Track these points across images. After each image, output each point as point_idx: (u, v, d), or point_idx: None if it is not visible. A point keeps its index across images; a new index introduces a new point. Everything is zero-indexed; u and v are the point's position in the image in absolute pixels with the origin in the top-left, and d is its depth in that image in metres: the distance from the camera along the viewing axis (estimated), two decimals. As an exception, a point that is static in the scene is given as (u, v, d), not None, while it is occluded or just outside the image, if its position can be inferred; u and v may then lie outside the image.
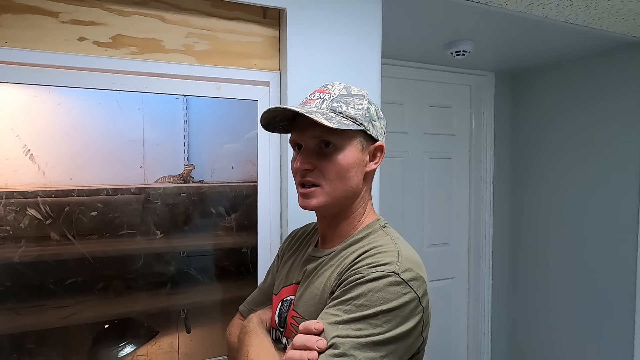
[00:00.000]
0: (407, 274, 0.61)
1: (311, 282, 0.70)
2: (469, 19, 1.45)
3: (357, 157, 0.69)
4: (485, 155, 2.23)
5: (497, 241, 2.27)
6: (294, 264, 0.80)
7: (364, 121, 0.69)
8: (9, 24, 0.91)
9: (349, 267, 0.64)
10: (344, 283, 0.62)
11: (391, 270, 0.60)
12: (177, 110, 1.50)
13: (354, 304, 0.59)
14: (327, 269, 0.69)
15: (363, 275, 0.60)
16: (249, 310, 0.87)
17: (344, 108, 0.68)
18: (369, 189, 0.75)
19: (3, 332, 1.12)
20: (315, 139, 0.69)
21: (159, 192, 1.25)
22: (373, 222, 0.73)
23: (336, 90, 0.71)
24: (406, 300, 0.59)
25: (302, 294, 0.71)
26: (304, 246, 0.83)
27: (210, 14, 1.07)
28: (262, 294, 0.88)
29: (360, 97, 0.71)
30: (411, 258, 0.64)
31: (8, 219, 1.07)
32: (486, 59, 1.98)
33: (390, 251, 0.64)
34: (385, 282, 0.59)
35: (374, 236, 0.70)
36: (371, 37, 1.17)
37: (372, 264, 0.62)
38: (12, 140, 1.23)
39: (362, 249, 0.66)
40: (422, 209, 2.17)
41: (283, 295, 0.77)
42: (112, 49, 0.99)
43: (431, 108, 2.18)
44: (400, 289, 0.59)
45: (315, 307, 0.66)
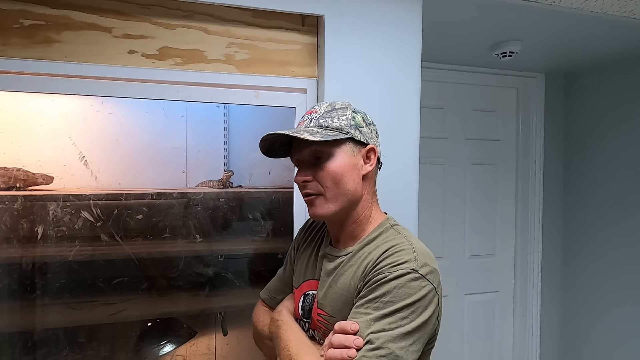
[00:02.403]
0: (424, 269, 0.69)
1: (334, 281, 0.76)
2: (517, 19, 1.37)
3: (349, 162, 0.75)
4: (534, 162, 2.09)
5: (547, 254, 2.12)
6: (310, 258, 0.86)
7: (350, 129, 0.76)
8: (69, 40, 0.99)
9: (372, 267, 0.71)
10: (369, 283, 0.69)
11: (410, 268, 0.68)
12: (217, 117, 1.55)
13: (381, 301, 0.66)
14: (347, 269, 0.75)
15: (386, 274, 0.68)
16: (271, 298, 0.93)
17: (329, 122, 0.76)
18: (371, 191, 0.80)
19: (58, 325, 1.20)
20: (308, 153, 0.77)
21: (200, 197, 1.29)
22: (383, 222, 0.79)
23: (321, 108, 0.79)
24: (425, 292, 0.67)
25: (325, 292, 0.77)
26: (317, 240, 0.88)
27: (251, 23, 1.10)
28: (283, 282, 0.93)
29: (344, 109, 0.78)
30: (425, 253, 0.72)
31: (64, 221, 1.15)
32: (535, 60, 1.87)
33: (406, 249, 0.71)
34: (406, 278, 0.67)
35: (386, 235, 0.76)
36: (411, 42, 1.14)
37: (392, 263, 0.69)
38: (70, 147, 1.33)
39: (379, 249, 0.73)
40: (464, 218, 2.07)
41: (304, 290, 0.84)
42: (159, 61, 1.04)
43: (474, 112, 2.08)
44: (419, 283, 0.67)
45: (343, 306, 0.73)
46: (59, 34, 0.98)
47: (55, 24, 0.98)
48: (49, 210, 1.15)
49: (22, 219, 1.13)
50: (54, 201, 1.15)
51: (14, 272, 1.15)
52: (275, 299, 0.92)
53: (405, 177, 1.13)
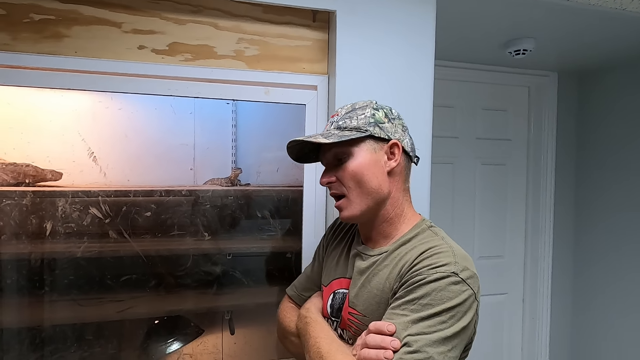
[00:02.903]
0: (465, 273, 0.67)
1: (367, 280, 0.75)
2: (532, 16, 1.34)
3: (370, 159, 0.74)
4: (545, 162, 2.06)
5: (558, 256, 2.08)
6: (340, 256, 0.85)
7: (369, 127, 0.75)
8: (79, 35, 0.98)
9: (409, 268, 0.69)
10: (407, 284, 0.67)
11: (451, 271, 0.66)
12: (226, 114, 1.54)
13: (419, 304, 0.64)
14: (382, 269, 0.74)
15: (425, 276, 0.66)
16: (298, 295, 0.93)
17: (348, 122, 0.76)
18: (400, 188, 0.78)
19: (66, 321, 1.20)
20: (331, 155, 0.78)
21: (208, 195, 1.28)
22: (419, 223, 0.78)
23: (343, 110, 0.79)
24: (465, 297, 0.65)
25: (358, 292, 0.75)
26: (348, 238, 0.87)
27: (261, 19, 1.08)
28: (310, 280, 0.93)
29: (363, 108, 0.77)
30: (465, 256, 0.70)
31: (73, 217, 1.15)
32: (548, 58, 1.83)
33: (446, 252, 0.69)
34: (447, 281, 0.65)
35: (423, 236, 0.75)
36: (424, 39, 1.12)
37: (432, 265, 0.67)
38: (79, 143, 1.33)
39: (416, 250, 0.71)
40: (473, 218, 2.05)
41: (334, 288, 0.82)
42: (169, 56, 1.03)
43: (484, 111, 2.05)
44: (459, 287, 0.65)
45: (377, 306, 0.72)
46: (68, 28, 0.97)
47: (65, 19, 0.97)
48: (58, 207, 1.14)
49: (31, 215, 1.13)
50: (63, 197, 1.15)
51: (22, 267, 1.15)
52: (302, 296, 0.92)
53: (417, 176, 1.11)
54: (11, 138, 1.28)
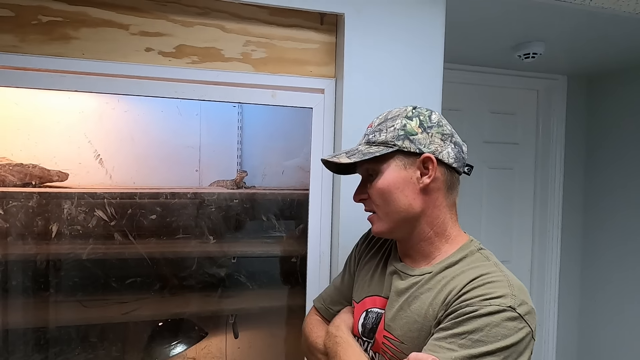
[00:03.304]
0: (523, 308, 0.59)
1: (407, 304, 0.68)
2: (543, 19, 1.32)
3: (399, 177, 0.69)
4: (553, 167, 2.03)
5: (565, 262, 2.06)
6: (375, 271, 0.79)
7: (397, 140, 0.69)
8: (87, 37, 0.98)
9: (457, 296, 0.62)
10: (455, 315, 0.60)
11: (507, 305, 0.59)
12: (232, 116, 1.53)
13: (469, 339, 0.58)
14: (425, 293, 0.67)
15: (477, 308, 0.59)
16: (326, 308, 0.87)
17: (377, 136, 0.72)
18: (440, 205, 0.71)
19: (71, 322, 1.20)
20: (363, 171, 0.75)
21: (214, 198, 1.28)
22: (467, 244, 0.71)
23: (376, 120, 0.75)
24: (523, 336, 0.58)
25: (396, 315, 0.69)
26: (384, 252, 0.81)
27: (268, 21, 1.08)
28: (340, 293, 0.87)
29: (394, 119, 0.72)
30: (521, 288, 0.63)
31: (79, 219, 1.15)
32: (558, 61, 1.81)
33: (500, 281, 0.62)
34: (502, 317, 0.58)
35: (471, 259, 0.68)
36: (433, 43, 1.10)
37: (485, 295, 0.60)
38: (85, 144, 1.33)
39: (465, 276, 0.64)
40: (479, 222, 2.03)
41: (367, 306, 0.77)
42: (175, 59, 1.03)
43: (492, 115, 2.03)
44: (516, 324, 0.58)
45: (417, 333, 0.65)
46: (76, 30, 0.97)
47: (72, 21, 0.97)
48: (64, 209, 1.14)
49: (37, 217, 1.13)
50: (69, 199, 1.15)
51: (28, 269, 1.15)
52: (331, 310, 0.86)
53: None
54: (18, 139, 1.28)
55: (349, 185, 1.06)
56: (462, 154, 0.72)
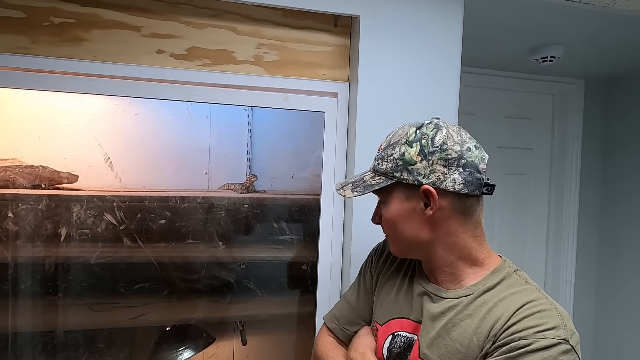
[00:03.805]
0: (574, 339, 0.58)
1: (445, 330, 0.64)
2: (562, 22, 1.28)
3: (402, 209, 0.67)
4: (569, 173, 1.98)
5: (581, 272, 2.00)
6: (400, 291, 0.74)
7: (396, 172, 0.67)
8: (98, 39, 0.96)
9: (505, 327, 0.59)
10: (507, 348, 0.57)
11: (562, 338, 0.57)
12: (242, 119, 1.52)
13: None
14: (465, 320, 0.63)
15: (531, 342, 0.56)
16: (342, 329, 0.81)
17: (380, 165, 0.70)
18: (454, 232, 0.67)
19: (78, 327, 1.19)
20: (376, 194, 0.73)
21: (224, 203, 1.26)
22: (502, 265, 0.67)
23: (384, 143, 0.71)
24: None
25: (434, 342, 0.64)
26: (406, 269, 0.76)
27: (281, 23, 1.06)
28: (356, 312, 0.81)
29: (394, 146, 0.68)
30: (567, 316, 0.61)
31: (88, 223, 1.14)
32: (575, 65, 1.76)
33: (549, 310, 0.59)
34: (557, 350, 0.56)
35: (509, 282, 0.65)
36: (450, 47, 1.08)
37: (538, 327, 0.57)
38: (95, 147, 1.32)
39: (510, 302, 0.61)
40: (492, 229, 1.98)
41: (393, 329, 0.72)
42: (187, 61, 1.01)
43: (506, 119, 1.99)
44: (569, 356, 0.56)
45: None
46: (87, 32, 0.96)
47: (84, 22, 0.96)
48: (73, 212, 1.14)
49: (46, 220, 1.13)
50: (78, 202, 1.14)
51: (37, 272, 1.14)
52: (347, 331, 0.80)
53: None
54: (29, 140, 1.28)
55: (362, 192, 1.04)
56: (476, 175, 0.65)
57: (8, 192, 1.10)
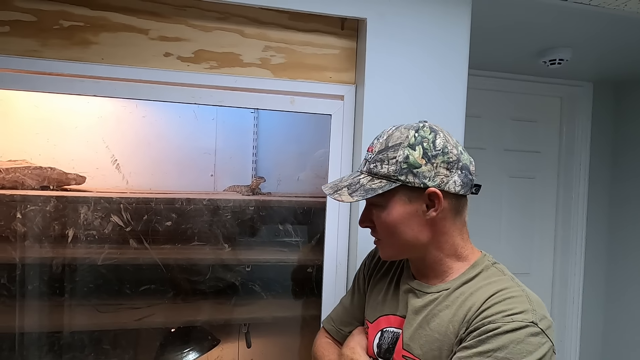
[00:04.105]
0: (544, 323, 0.60)
1: (425, 322, 0.68)
2: (571, 24, 1.27)
3: (404, 212, 0.68)
4: (577, 177, 1.96)
5: (590, 276, 1.97)
6: (388, 290, 0.78)
7: (401, 175, 0.66)
8: (106, 42, 0.97)
9: (477, 313, 0.62)
10: (478, 332, 0.60)
11: (530, 320, 0.59)
12: (248, 121, 1.52)
13: (494, 357, 0.58)
14: (443, 310, 0.67)
15: (499, 325, 0.59)
16: (337, 330, 0.85)
17: (379, 167, 0.68)
18: (447, 232, 0.70)
19: (84, 328, 1.20)
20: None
21: (229, 205, 1.26)
22: (481, 259, 0.71)
23: (378, 145, 0.70)
24: (546, 351, 0.59)
25: (415, 333, 0.68)
26: (395, 270, 0.80)
27: (288, 26, 1.06)
28: (350, 314, 0.86)
29: (395, 149, 0.67)
30: (539, 302, 0.63)
31: (95, 224, 1.15)
32: (584, 68, 1.74)
33: (519, 296, 0.62)
34: (525, 332, 0.58)
35: (487, 274, 0.68)
36: (458, 49, 1.07)
37: (506, 312, 0.60)
38: (102, 149, 1.33)
39: (484, 292, 0.64)
40: (498, 232, 1.96)
41: (382, 325, 0.76)
42: (194, 64, 1.02)
43: (513, 122, 1.98)
44: (539, 339, 0.59)
45: (438, 352, 0.65)
46: (96, 35, 0.97)
47: (93, 25, 0.96)
48: (80, 213, 1.14)
49: (53, 221, 1.13)
50: (85, 204, 1.14)
51: (44, 273, 1.15)
52: (342, 331, 0.85)
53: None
54: (38, 142, 1.29)
55: (368, 195, 1.03)
56: (470, 177, 0.69)
57: (17, 193, 1.11)
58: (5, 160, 1.23)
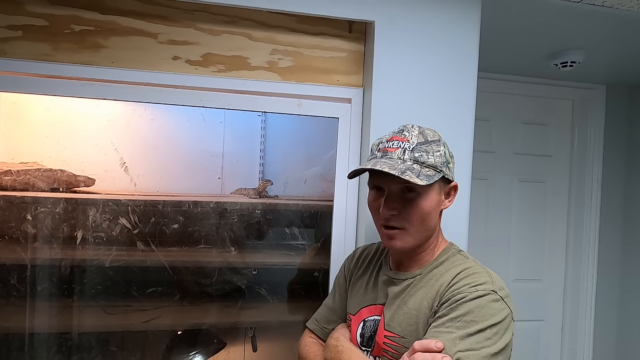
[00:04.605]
0: (503, 292, 0.69)
1: (403, 302, 0.75)
2: (583, 26, 1.25)
3: (436, 200, 0.75)
4: (590, 181, 1.92)
5: (603, 283, 1.93)
6: (368, 284, 0.84)
7: (443, 167, 0.74)
8: (116, 46, 0.98)
9: (447, 288, 0.70)
10: (448, 302, 0.68)
11: (490, 289, 0.68)
12: (255, 124, 1.52)
13: (464, 321, 0.65)
14: (417, 291, 0.74)
15: (466, 294, 0.67)
16: (321, 328, 0.90)
17: (425, 157, 0.73)
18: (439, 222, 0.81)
19: (92, 329, 1.20)
20: (399, 184, 0.73)
21: (236, 208, 1.26)
22: (449, 247, 0.80)
23: (413, 137, 0.75)
24: (505, 315, 0.67)
25: (394, 314, 0.75)
26: (374, 267, 0.86)
27: (296, 29, 1.06)
28: (332, 312, 0.91)
29: (437, 143, 0.75)
30: (498, 278, 0.73)
31: (103, 226, 1.16)
32: (597, 70, 1.71)
33: (481, 272, 0.72)
34: (487, 299, 0.67)
35: (453, 259, 0.77)
36: (467, 52, 1.06)
37: (470, 284, 0.69)
38: (111, 151, 1.35)
39: (452, 272, 0.73)
40: (508, 238, 1.93)
41: (364, 316, 0.81)
42: (202, 67, 1.02)
43: (524, 125, 1.94)
44: (500, 304, 0.67)
45: (415, 326, 0.72)
46: (106, 39, 0.98)
47: (103, 30, 0.98)
48: (89, 215, 1.15)
49: (63, 223, 1.14)
50: (94, 206, 1.15)
51: (53, 275, 1.16)
52: (325, 329, 0.89)
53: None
54: (48, 145, 1.31)
55: (376, 199, 1.02)
56: None
57: (28, 195, 1.13)
58: (17, 162, 1.25)
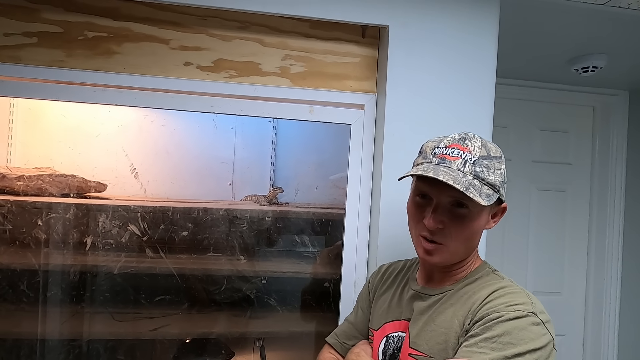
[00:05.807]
0: (543, 316, 0.63)
1: (431, 319, 0.70)
2: (606, 30, 1.20)
3: (485, 220, 0.71)
4: (612, 190, 1.84)
5: (627, 296, 1.84)
6: (393, 299, 0.80)
7: (501, 188, 0.69)
8: (128, 52, 0.98)
9: (481, 305, 0.65)
10: (482, 321, 0.63)
11: (530, 311, 0.62)
12: (266, 130, 1.51)
13: (499, 342, 0.60)
14: (448, 307, 0.70)
15: (502, 313, 0.62)
16: (341, 344, 0.87)
17: (486, 174, 0.67)
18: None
19: (100, 336, 1.19)
20: (451, 197, 0.68)
21: (246, 215, 1.25)
22: (483, 265, 0.75)
23: (476, 149, 0.68)
24: (547, 341, 0.61)
25: (420, 331, 0.71)
26: (400, 282, 0.83)
27: (308, 35, 1.04)
28: (354, 327, 0.87)
29: (499, 161, 0.69)
30: (537, 300, 0.66)
31: (112, 233, 1.15)
32: (619, 75, 1.65)
33: (519, 292, 0.66)
34: (526, 321, 0.61)
35: (488, 278, 0.72)
36: (484, 57, 1.02)
37: (508, 302, 0.63)
38: (122, 157, 1.35)
39: (486, 290, 0.67)
40: (526, 249, 1.86)
41: (387, 331, 0.78)
42: (213, 73, 1.01)
43: (542, 132, 1.89)
44: (540, 329, 0.61)
45: (444, 345, 0.67)
46: (119, 45, 0.98)
47: (116, 36, 0.98)
48: (99, 221, 1.15)
49: (73, 229, 1.15)
50: (104, 212, 1.15)
51: (63, 281, 1.16)
52: (345, 345, 0.86)
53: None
54: (61, 150, 1.32)
55: (389, 205, 0.99)
56: None
57: (39, 200, 1.13)
58: (32, 168, 1.26)
